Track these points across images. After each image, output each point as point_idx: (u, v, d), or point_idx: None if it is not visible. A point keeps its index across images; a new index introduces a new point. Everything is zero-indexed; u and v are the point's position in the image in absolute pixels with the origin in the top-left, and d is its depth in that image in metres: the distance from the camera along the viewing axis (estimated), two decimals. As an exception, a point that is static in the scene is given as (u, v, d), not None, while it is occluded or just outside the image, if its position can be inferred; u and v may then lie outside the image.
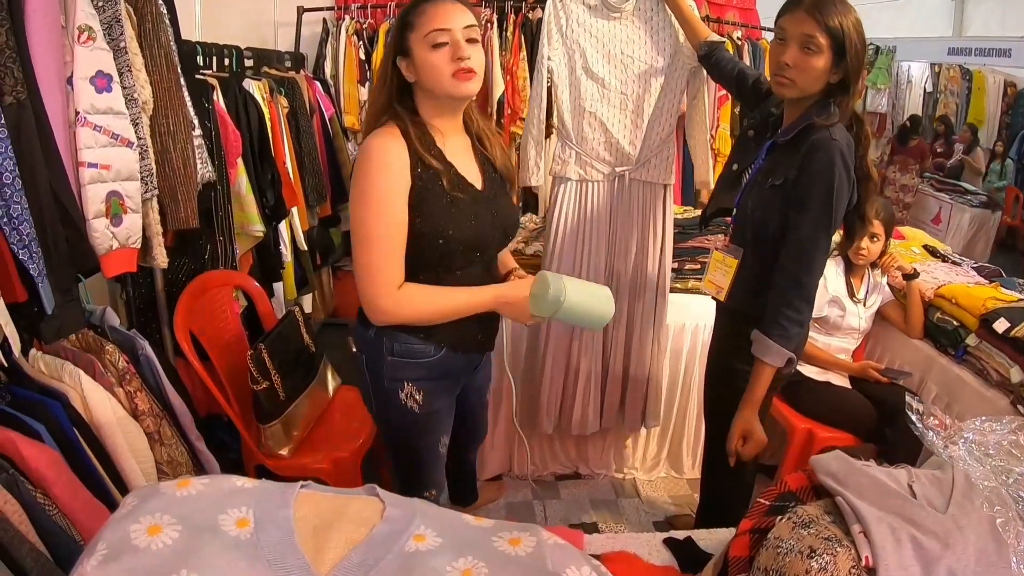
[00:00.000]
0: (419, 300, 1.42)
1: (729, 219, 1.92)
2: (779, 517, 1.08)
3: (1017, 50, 7.56)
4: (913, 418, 1.49)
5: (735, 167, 1.88)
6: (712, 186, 2.45)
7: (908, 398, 1.54)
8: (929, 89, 8.15)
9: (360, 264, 1.40)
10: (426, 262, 1.43)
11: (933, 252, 2.98)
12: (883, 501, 1.13)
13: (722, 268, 1.86)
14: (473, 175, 1.49)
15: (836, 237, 1.75)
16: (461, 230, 1.42)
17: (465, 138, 1.53)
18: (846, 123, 1.61)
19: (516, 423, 2.03)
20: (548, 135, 2.33)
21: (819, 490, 1.18)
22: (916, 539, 1.01)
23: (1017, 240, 7.12)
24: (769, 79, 1.71)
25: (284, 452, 2.02)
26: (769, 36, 4.16)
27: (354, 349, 1.58)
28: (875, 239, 2.48)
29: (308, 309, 3.32)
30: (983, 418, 1.52)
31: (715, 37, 2.11)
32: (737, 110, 3.68)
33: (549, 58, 2.21)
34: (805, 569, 0.95)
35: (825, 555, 0.96)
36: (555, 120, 2.29)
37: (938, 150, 7.50)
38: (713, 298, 1.92)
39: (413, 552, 0.80)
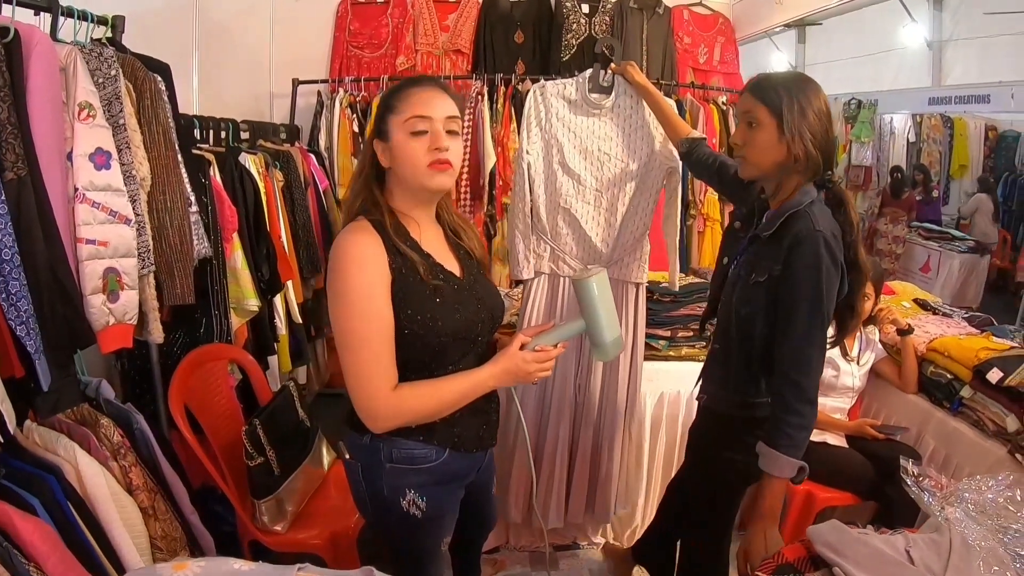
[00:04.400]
0: (418, 397, 1.34)
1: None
2: (777, 590, 1.08)
3: (996, 95, 7.66)
4: (908, 481, 1.49)
5: (724, 260, 1.81)
6: (677, 288, 2.47)
7: (903, 461, 1.54)
8: (912, 139, 8.32)
9: (349, 370, 1.31)
10: (418, 361, 1.36)
11: (924, 305, 3.00)
12: (881, 569, 1.13)
13: None
14: (450, 264, 1.45)
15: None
16: (449, 321, 1.35)
17: (438, 228, 1.50)
18: (830, 203, 1.56)
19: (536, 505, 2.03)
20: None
21: (817, 561, 1.18)
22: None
23: (1008, 281, 7.24)
24: None
25: (279, 528, 1.99)
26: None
27: (347, 456, 1.48)
28: (866, 298, 2.45)
29: (302, 380, 3.28)
30: (979, 476, 1.53)
31: (696, 134, 2.07)
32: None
33: (528, 152, 2.20)
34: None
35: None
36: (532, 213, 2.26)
37: (917, 198, 7.63)
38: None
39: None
